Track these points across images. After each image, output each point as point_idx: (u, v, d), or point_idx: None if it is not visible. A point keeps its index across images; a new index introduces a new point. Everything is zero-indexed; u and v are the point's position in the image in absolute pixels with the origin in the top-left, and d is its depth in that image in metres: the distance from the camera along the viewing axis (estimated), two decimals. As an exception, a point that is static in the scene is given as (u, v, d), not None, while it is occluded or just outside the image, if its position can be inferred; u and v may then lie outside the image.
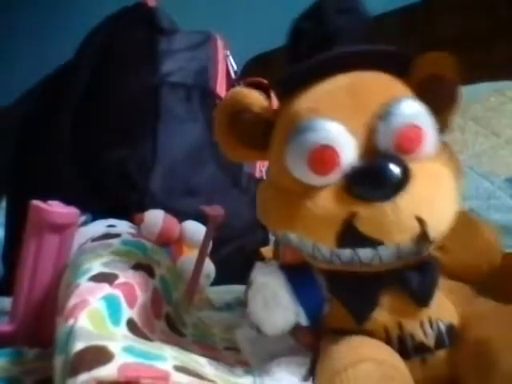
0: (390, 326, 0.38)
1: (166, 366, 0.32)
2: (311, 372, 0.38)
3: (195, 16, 1.19)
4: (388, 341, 0.38)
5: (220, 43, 0.92)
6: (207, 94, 0.85)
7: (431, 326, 0.38)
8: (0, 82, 1.57)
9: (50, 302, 0.42)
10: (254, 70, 1.46)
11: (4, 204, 0.88)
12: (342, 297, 0.39)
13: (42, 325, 0.44)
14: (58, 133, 0.81)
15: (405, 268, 0.38)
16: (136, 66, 0.84)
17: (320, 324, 0.41)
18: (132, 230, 0.59)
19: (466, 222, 0.41)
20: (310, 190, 0.37)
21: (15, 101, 0.93)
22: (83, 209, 0.54)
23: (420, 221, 0.35)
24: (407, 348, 0.37)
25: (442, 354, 0.38)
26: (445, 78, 0.40)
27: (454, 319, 0.38)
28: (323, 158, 0.36)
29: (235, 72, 0.95)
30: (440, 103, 0.40)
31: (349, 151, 0.36)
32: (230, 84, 0.92)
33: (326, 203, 0.36)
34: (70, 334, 0.33)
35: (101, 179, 0.78)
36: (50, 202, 0.45)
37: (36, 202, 0.45)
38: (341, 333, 0.38)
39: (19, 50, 1.74)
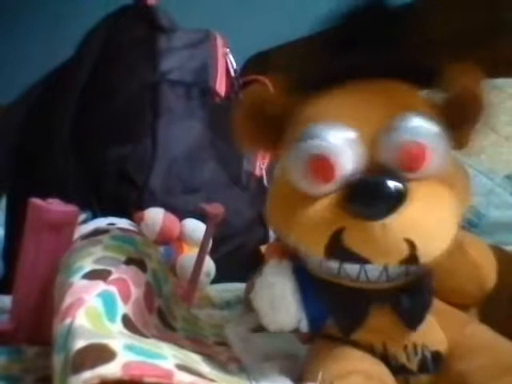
0: (375, 343, 0.38)
1: (168, 364, 0.32)
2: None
3: (194, 14, 1.19)
4: (373, 356, 0.38)
5: (219, 41, 0.92)
6: (207, 92, 0.85)
7: (415, 352, 0.37)
8: (0, 80, 1.57)
9: (50, 300, 0.42)
10: (253, 68, 1.46)
11: (4, 203, 0.88)
12: (330, 306, 0.39)
13: (41, 323, 0.44)
14: (58, 131, 0.81)
15: (397, 289, 0.37)
16: (135, 64, 0.84)
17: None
18: (133, 228, 0.58)
19: (455, 244, 0.38)
20: (306, 198, 0.36)
21: (15, 99, 0.93)
22: (83, 207, 0.54)
23: (410, 244, 0.34)
24: (391, 367, 0.37)
25: (425, 378, 0.37)
26: (473, 93, 0.39)
27: (442, 346, 0.38)
28: (319, 168, 0.35)
29: (235, 70, 0.95)
30: (464, 118, 0.39)
31: (348, 163, 0.35)
32: (230, 82, 0.92)
33: (318, 213, 0.35)
34: (69, 333, 0.33)
35: (100, 177, 0.78)
36: (50, 200, 0.45)
37: (35, 200, 0.44)
38: (332, 338, 0.39)
39: (19, 48, 1.74)
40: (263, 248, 0.70)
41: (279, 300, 0.39)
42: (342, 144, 0.35)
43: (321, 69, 0.40)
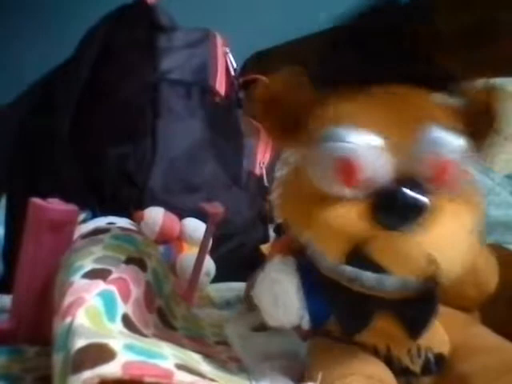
0: (379, 345, 0.38)
1: (168, 364, 0.32)
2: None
3: (194, 13, 1.19)
4: (376, 357, 0.38)
5: (219, 40, 0.92)
6: (207, 91, 0.85)
7: (419, 355, 0.37)
8: (0, 80, 1.57)
9: (50, 299, 0.42)
10: (253, 68, 1.46)
11: (4, 202, 0.88)
12: (334, 307, 0.39)
13: (42, 322, 0.44)
14: (58, 130, 0.81)
15: (404, 298, 0.37)
16: (135, 64, 0.84)
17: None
18: (133, 227, 0.59)
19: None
20: (327, 199, 0.35)
21: (15, 99, 0.93)
22: (83, 206, 0.54)
23: (432, 261, 0.34)
24: (393, 368, 0.37)
25: (427, 380, 0.38)
26: (495, 111, 0.39)
27: (445, 348, 0.38)
28: (342, 170, 0.35)
29: (235, 69, 0.95)
30: (482, 132, 0.39)
31: (372, 168, 0.35)
32: (230, 81, 0.92)
33: (343, 219, 0.34)
34: (69, 332, 0.33)
35: (100, 176, 0.78)
36: (50, 199, 0.45)
37: (35, 200, 0.44)
38: (333, 337, 0.39)
39: (19, 48, 1.74)
40: (263, 247, 0.70)
41: (282, 297, 0.38)
42: (366, 149, 0.35)
43: (341, 68, 0.39)
